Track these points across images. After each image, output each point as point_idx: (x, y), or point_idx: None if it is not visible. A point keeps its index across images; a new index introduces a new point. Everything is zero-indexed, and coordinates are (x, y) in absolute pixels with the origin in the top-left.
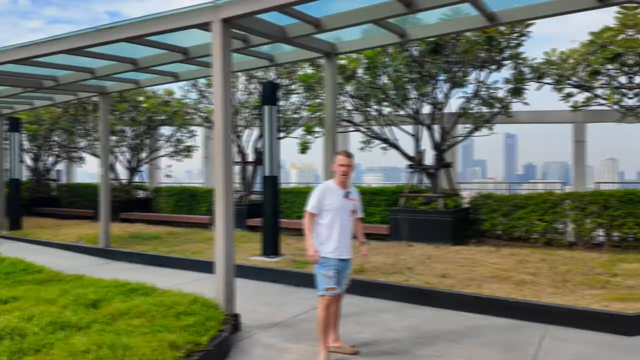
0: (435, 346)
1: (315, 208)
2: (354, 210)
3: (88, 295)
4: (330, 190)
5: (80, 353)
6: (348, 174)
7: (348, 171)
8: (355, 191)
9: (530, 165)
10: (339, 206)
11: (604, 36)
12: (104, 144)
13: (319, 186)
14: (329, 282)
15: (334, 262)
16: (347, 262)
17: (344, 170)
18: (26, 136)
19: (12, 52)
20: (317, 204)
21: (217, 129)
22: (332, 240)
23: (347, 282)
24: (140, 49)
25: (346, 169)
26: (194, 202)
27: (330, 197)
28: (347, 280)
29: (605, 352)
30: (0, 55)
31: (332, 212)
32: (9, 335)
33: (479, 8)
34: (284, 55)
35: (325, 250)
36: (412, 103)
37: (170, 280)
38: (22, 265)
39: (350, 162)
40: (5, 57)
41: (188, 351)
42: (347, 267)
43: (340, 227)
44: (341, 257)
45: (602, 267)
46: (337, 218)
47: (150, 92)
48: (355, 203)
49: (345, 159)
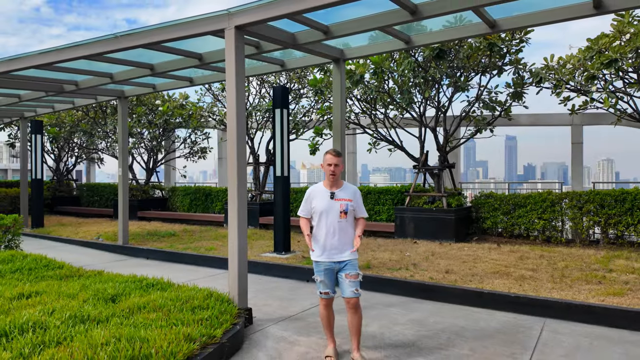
0: (439, 339)
1: (304, 211)
2: (344, 210)
3: (107, 290)
4: (317, 192)
5: (100, 345)
6: (336, 174)
7: (336, 170)
8: (351, 190)
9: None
10: (325, 208)
11: (600, 42)
12: (122, 145)
13: (307, 190)
14: (319, 286)
15: (323, 266)
16: (343, 264)
17: (332, 170)
18: (48, 138)
19: (35, 57)
20: (304, 208)
21: (230, 131)
22: (320, 244)
23: (352, 285)
24: (157, 54)
25: (334, 169)
26: (208, 201)
27: (316, 199)
28: (351, 282)
29: (600, 344)
30: (24, 61)
31: (317, 214)
32: (31, 328)
33: (480, 16)
34: (295, 61)
35: (315, 254)
36: (417, 106)
37: (186, 275)
38: (44, 262)
39: (338, 161)
40: (28, 62)
41: (203, 344)
42: (348, 268)
43: (326, 229)
44: (331, 259)
45: (598, 263)
46: (322, 220)
47: (166, 96)
48: (346, 203)
49: (333, 157)
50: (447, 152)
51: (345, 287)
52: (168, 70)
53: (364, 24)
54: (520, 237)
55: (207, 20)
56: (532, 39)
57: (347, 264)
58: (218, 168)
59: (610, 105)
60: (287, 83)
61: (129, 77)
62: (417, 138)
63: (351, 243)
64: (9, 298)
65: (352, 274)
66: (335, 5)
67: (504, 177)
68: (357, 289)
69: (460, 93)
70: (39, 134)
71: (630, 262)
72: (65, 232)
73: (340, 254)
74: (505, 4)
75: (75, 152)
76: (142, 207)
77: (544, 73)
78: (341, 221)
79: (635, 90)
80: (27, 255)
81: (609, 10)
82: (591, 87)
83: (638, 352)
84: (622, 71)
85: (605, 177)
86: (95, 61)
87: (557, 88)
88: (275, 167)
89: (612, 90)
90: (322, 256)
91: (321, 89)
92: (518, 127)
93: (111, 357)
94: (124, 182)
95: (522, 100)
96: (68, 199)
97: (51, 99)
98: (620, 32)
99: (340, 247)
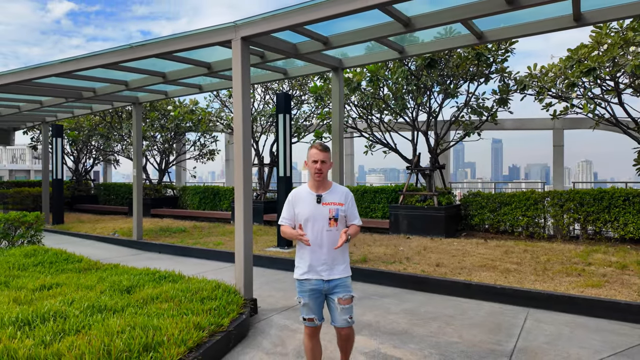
0: (430, 327)
1: (286, 219)
2: (334, 217)
3: (122, 282)
4: (301, 195)
5: (116, 333)
6: (323, 172)
7: (323, 169)
8: (341, 192)
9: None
10: (310, 214)
11: (580, 52)
12: (136, 148)
13: (290, 193)
14: (302, 310)
15: (309, 285)
16: (334, 284)
17: (317, 168)
18: (68, 141)
19: (56, 66)
20: (287, 215)
21: (237, 134)
22: (305, 258)
23: (345, 312)
24: (169, 63)
25: (320, 166)
26: (216, 199)
27: (300, 204)
28: (343, 309)
29: (580, 332)
30: (45, 69)
31: (302, 222)
32: (52, 318)
33: (469, 28)
34: (297, 69)
35: (298, 271)
36: (410, 112)
37: (195, 268)
38: (64, 256)
39: (324, 157)
40: (50, 71)
41: (211, 332)
42: (340, 290)
43: (313, 240)
44: (320, 277)
45: (578, 257)
46: (308, 229)
47: (177, 102)
48: (336, 208)
49: (319, 153)
50: (438, 154)
51: (336, 315)
52: (179, 78)
53: (361, 35)
54: (506, 233)
55: (216, 32)
56: (516, 49)
57: (339, 285)
58: (225, 169)
59: (589, 110)
60: (290, 90)
61: (142, 84)
62: (410, 141)
63: (343, 257)
64: (31, 289)
65: (345, 298)
66: (334, 18)
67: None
68: (350, 316)
69: (450, 99)
70: (59, 137)
71: (607, 256)
72: (84, 228)
73: (329, 270)
74: (492, 17)
75: (92, 154)
76: (155, 205)
77: (528, 81)
78: (330, 230)
79: (612, 96)
80: (49, 249)
81: (588, 23)
82: (571, 93)
83: (615, 339)
84: (600, 79)
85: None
86: (112, 69)
87: (539, 95)
88: (279, 168)
89: (590, 96)
90: (308, 273)
91: (321, 96)
92: (503, 131)
93: (126, 344)
94: (138, 182)
95: (507, 106)
96: (86, 197)
97: (71, 104)
98: (599, 43)
99: (330, 263)
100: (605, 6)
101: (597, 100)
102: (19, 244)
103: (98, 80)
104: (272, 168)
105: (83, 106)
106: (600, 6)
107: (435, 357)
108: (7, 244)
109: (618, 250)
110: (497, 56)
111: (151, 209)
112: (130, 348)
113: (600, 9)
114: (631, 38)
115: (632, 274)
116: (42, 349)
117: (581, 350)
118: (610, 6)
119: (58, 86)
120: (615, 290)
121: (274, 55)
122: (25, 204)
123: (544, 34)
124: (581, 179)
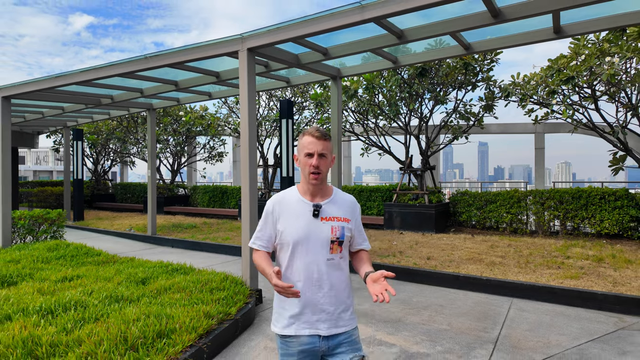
0: (422, 315)
1: (261, 240)
2: (338, 239)
3: (138, 274)
4: (288, 204)
5: (132, 321)
6: (322, 172)
7: (321, 166)
8: (347, 203)
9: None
10: (303, 234)
11: (560, 62)
12: (151, 150)
13: (270, 199)
14: None
15: (298, 345)
16: (337, 340)
17: (314, 165)
18: (87, 144)
19: (77, 75)
20: (262, 233)
21: (243, 138)
22: (292, 302)
23: None
24: (180, 72)
25: (317, 163)
26: (224, 198)
27: (286, 217)
28: None
29: (560, 320)
30: (67, 78)
31: (288, 246)
32: (73, 307)
33: (457, 39)
34: (298, 78)
35: (280, 323)
36: (403, 117)
37: (205, 261)
38: (84, 250)
39: (324, 148)
40: (71, 79)
41: (220, 320)
42: (346, 349)
43: (306, 273)
44: (316, 331)
45: (558, 251)
46: (298, 256)
47: (188, 108)
48: (341, 226)
49: (316, 141)
50: (429, 156)
51: None
52: (190, 86)
53: (358, 46)
54: (491, 228)
55: (224, 44)
56: (501, 60)
57: (344, 342)
58: (233, 170)
59: (568, 116)
60: (292, 97)
61: (156, 92)
62: (403, 144)
63: (349, 298)
64: (54, 281)
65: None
66: (333, 31)
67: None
68: None
69: (440, 105)
70: (79, 140)
71: (585, 250)
72: (102, 224)
73: (330, 321)
74: (478, 29)
75: (110, 156)
76: (168, 203)
77: (512, 88)
78: (332, 258)
79: (589, 103)
80: (70, 244)
81: (567, 35)
82: (552, 100)
83: (592, 326)
84: (578, 87)
85: (564, 178)
86: (128, 78)
87: (522, 101)
88: (282, 168)
89: (569, 103)
90: (297, 325)
91: (321, 102)
92: (489, 134)
93: (141, 331)
94: (152, 182)
95: (493, 112)
96: (104, 196)
97: (90, 110)
98: (577, 54)
99: (332, 310)
100: (583, 19)
101: (575, 107)
102: (43, 239)
103: (115, 88)
104: (276, 169)
105: (102, 112)
106: (578, 19)
107: (427, 343)
108: (32, 239)
109: (595, 244)
110: (483, 66)
111: (164, 206)
112: (145, 335)
113: (578, 22)
114: (607, 49)
115: (607, 267)
116: (63, 335)
117: (560, 336)
118: (588, 19)
119: (78, 93)
120: (592, 281)
121: (278, 65)
122: (48, 202)
123: (526, 45)
124: (561, 179)
